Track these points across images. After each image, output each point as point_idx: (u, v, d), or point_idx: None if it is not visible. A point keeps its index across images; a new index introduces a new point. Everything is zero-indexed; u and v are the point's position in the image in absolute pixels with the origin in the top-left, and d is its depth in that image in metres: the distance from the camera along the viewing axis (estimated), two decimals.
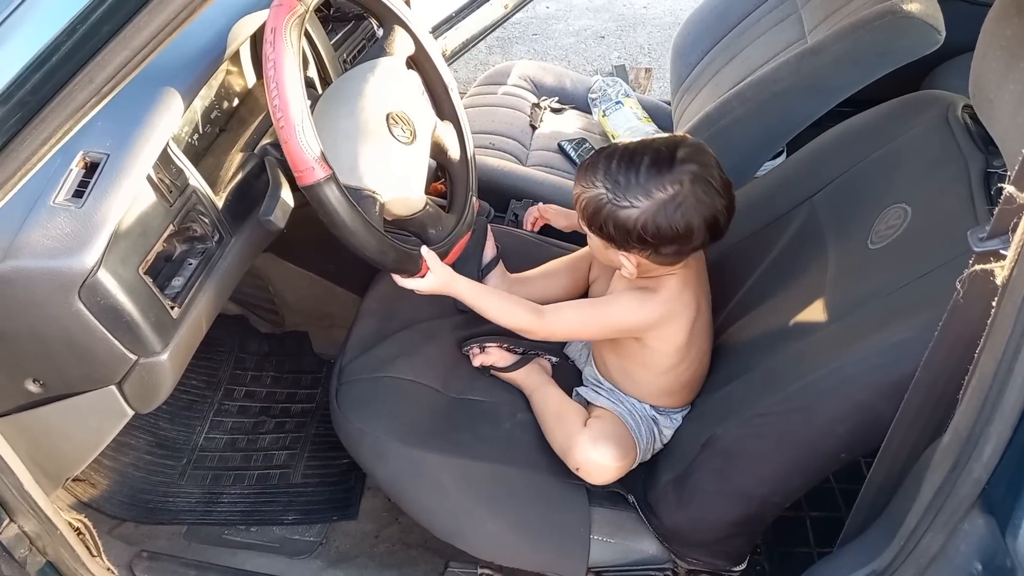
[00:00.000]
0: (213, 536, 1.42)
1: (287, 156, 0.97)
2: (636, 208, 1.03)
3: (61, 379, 0.98)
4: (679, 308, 1.13)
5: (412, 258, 1.11)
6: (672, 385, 1.20)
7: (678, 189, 1.02)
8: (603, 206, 1.06)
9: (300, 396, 1.68)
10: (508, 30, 3.42)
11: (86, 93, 0.74)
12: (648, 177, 1.03)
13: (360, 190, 1.06)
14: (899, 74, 1.40)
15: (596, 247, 1.14)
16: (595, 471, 1.16)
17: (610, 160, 1.06)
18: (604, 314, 1.16)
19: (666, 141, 1.07)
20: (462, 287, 1.17)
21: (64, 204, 0.88)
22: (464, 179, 1.30)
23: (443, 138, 1.26)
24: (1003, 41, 0.84)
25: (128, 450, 1.51)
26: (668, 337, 1.14)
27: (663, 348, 1.15)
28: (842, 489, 1.40)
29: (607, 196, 1.05)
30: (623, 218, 1.04)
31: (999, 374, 0.64)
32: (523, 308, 1.16)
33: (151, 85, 0.97)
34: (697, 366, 1.20)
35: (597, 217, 1.07)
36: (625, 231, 1.05)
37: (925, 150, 1.08)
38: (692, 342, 1.16)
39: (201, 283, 1.03)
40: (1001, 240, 0.67)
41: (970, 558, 0.71)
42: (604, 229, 1.07)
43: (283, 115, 0.95)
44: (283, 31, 0.95)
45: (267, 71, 0.95)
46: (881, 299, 0.96)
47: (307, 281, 1.69)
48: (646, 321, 1.13)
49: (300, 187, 0.98)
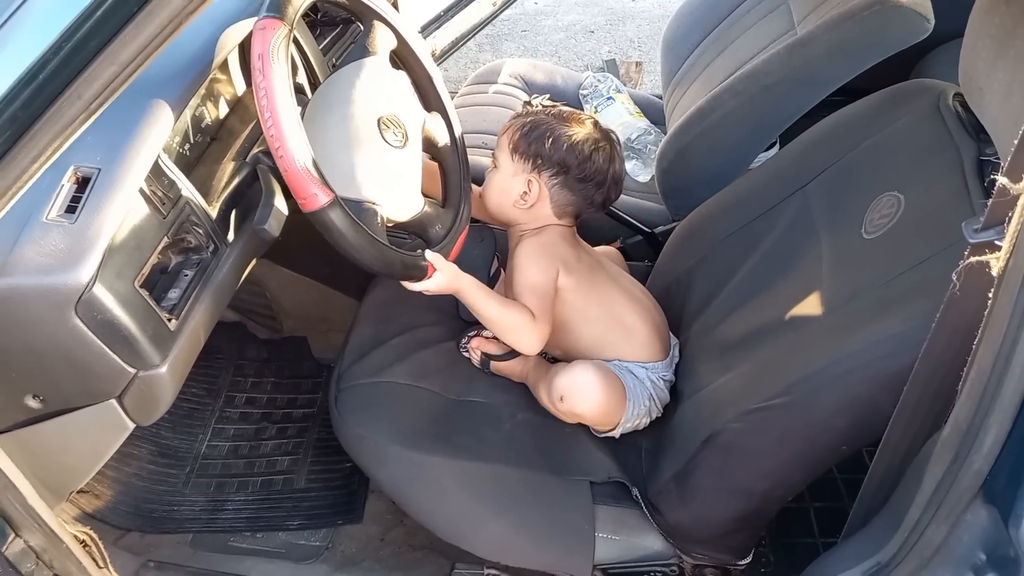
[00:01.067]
0: (219, 543, 1.42)
1: (288, 184, 0.98)
2: (573, 132, 1.23)
3: (60, 395, 0.98)
4: (555, 239, 1.27)
5: (419, 266, 1.13)
6: (612, 331, 1.28)
7: (610, 143, 1.27)
8: (540, 125, 1.24)
9: (301, 401, 1.68)
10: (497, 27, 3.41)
11: (75, 109, 0.73)
12: (587, 123, 1.27)
13: (360, 202, 1.07)
14: (889, 63, 1.39)
15: (498, 180, 1.27)
16: (580, 394, 1.19)
17: (550, 107, 1.31)
18: (527, 280, 1.23)
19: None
20: (465, 284, 1.20)
21: (57, 220, 0.88)
22: (457, 169, 1.30)
23: (433, 131, 1.26)
24: (992, 30, 0.84)
25: (131, 460, 1.51)
26: (566, 284, 1.25)
27: (566, 297, 1.25)
28: (845, 479, 1.40)
29: (548, 120, 1.24)
30: (558, 134, 1.23)
31: (997, 365, 0.64)
32: (522, 312, 1.20)
33: (140, 97, 0.96)
34: (619, 306, 1.29)
35: (528, 135, 1.23)
36: (553, 145, 1.22)
37: (917, 138, 1.08)
38: (589, 280, 1.27)
39: (198, 294, 1.03)
40: (996, 231, 0.67)
41: (973, 549, 0.71)
42: (530, 147, 1.23)
43: (281, 146, 0.95)
44: (270, 57, 0.95)
45: (259, 100, 0.95)
46: (877, 289, 0.96)
47: (304, 286, 1.69)
48: (550, 256, 1.24)
49: (303, 212, 0.99)
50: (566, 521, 1.18)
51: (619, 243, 1.65)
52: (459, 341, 1.35)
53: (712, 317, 1.25)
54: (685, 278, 1.35)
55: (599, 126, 1.28)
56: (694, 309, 1.31)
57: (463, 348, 1.35)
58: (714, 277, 1.27)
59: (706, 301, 1.28)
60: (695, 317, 1.30)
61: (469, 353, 1.34)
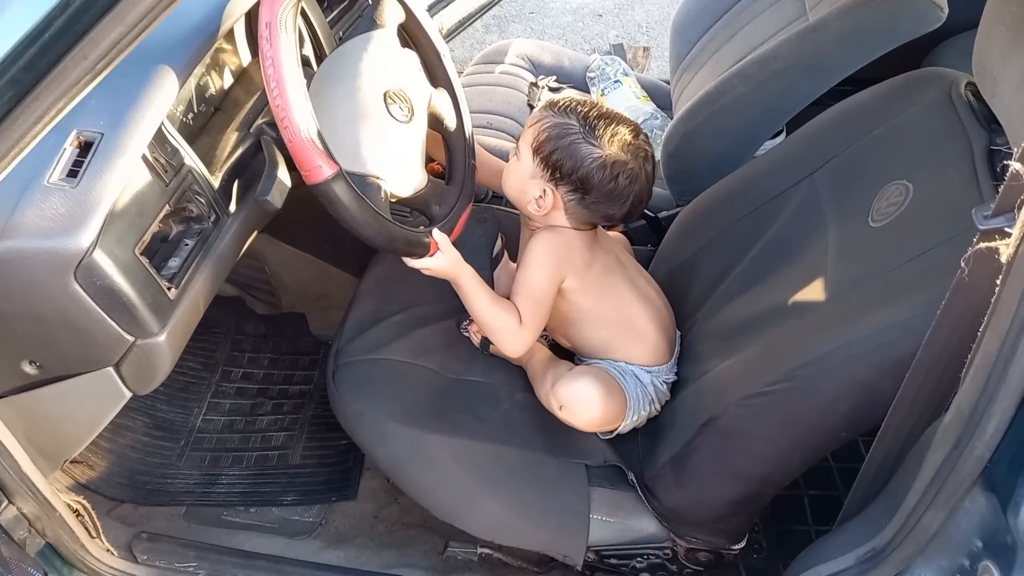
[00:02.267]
0: (212, 517, 1.42)
1: (293, 156, 0.97)
2: (600, 150, 1.13)
3: (58, 361, 0.98)
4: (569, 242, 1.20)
5: (422, 243, 1.12)
6: (618, 336, 1.24)
7: (639, 162, 1.15)
8: (567, 134, 1.14)
9: (298, 377, 1.68)
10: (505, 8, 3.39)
11: (80, 70, 0.72)
12: (622, 139, 1.14)
13: (364, 176, 1.06)
14: (900, 53, 1.38)
15: (517, 174, 1.19)
16: (580, 406, 1.17)
17: (588, 109, 1.16)
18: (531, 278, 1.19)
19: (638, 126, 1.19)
20: (464, 274, 1.18)
21: (58, 184, 0.87)
22: (462, 147, 1.29)
23: (439, 107, 1.25)
24: (1008, 18, 0.83)
25: (126, 432, 1.50)
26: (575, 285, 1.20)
27: (574, 299, 1.21)
28: (840, 468, 1.41)
29: (578, 128, 1.14)
30: (583, 152, 1.13)
31: (1003, 352, 0.64)
32: (511, 313, 1.17)
33: (145, 63, 0.95)
34: (629, 308, 1.25)
35: (553, 142, 1.14)
36: (575, 163, 1.13)
37: (927, 127, 1.07)
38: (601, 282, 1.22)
39: (198, 264, 1.02)
40: (1006, 218, 0.67)
41: (971, 535, 0.71)
42: (551, 156, 1.14)
43: (286, 115, 0.94)
44: (278, 25, 0.93)
45: (266, 69, 0.94)
46: (882, 277, 0.96)
47: (304, 262, 1.68)
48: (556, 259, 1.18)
49: (307, 185, 0.98)
50: (561, 502, 1.18)
51: (622, 227, 1.64)
52: (459, 320, 1.34)
53: (716, 303, 1.24)
54: (689, 263, 1.34)
55: (636, 138, 1.16)
56: (698, 295, 1.31)
57: (464, 328, 1.34)
58: (719, 263, 1.26)
59: (710, 287, 1.28)
60: (699, 303, 1.30)
61: (469, 333, 1.34)
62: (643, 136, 1.18)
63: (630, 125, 1.17)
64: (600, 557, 1.23)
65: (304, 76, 0.97)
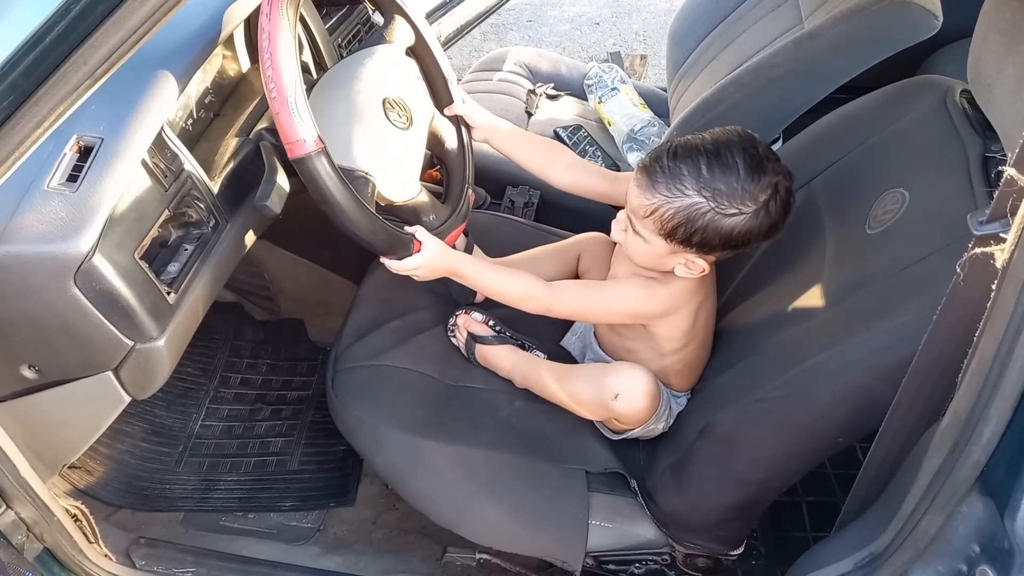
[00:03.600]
0: (210, 523, 1.42)
1: (278, 128, 0.96)
2: (744, 215, 1.01)
3: (57, 365, 0.98)
4: (687, 297, 1.13)
5: (404, 242, 1.09)
6: (676, 366, 1.20)
7: (774, 190, 1.01)
8: (702, 215, 1.00)
9: (296, 383, 1.68)
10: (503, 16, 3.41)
11: (80, 75, 0.73)
12: (750, 180, 1.00)
13: (353, 171, 1.05)
14: (895, 61, 1.39)
15: (651, 254, 1.08)
16: (637, 394, 1.11)
17: (695, 163, 1.00)
18: (611, 299, 1.15)
19: (739, 136, 1.03)
20: (459, 262, 1.14)
21: (58, 188, 0.87)
22: (461, 170, 1.29)
23: (441, 129, 1.25)
24: (1002, 25, 0.84)
25: (124, 437, 1.50)
26: (674, 323, 1.14)
27: (668, 333, 1.15)
28: (837, 474, 1.41)
29: (708, 205, 1.00)
30: (728, 226, 1.01)
31: (999, 356, 0.64)
32: (527, 276, 1.14)
33: (145, 68, 0.96)
34: (701, 349, 1.20)
35: (689, 227, 1.01)
36: (727, 237, 1.02)
37: (923, 135, 1.08)
38: (696, 326, 1.16)
39: (197, 269, 1.03)
40: (1001, 223, 0.67)
41: (968, 540, 0.71)
42: (693, 238, 1.02)
43: (276, 86, 0.94)
44: (280, 4, 0.94)
45: (261, 42, 0.94)
46: (879, 283, 0.96)
47: (303, 268, 1.69)
48: (653, 311, 1.13)
49: (291, 159, 0.97)
50: (561, 509, 1.18)
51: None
52: (447, 325, 1.32)
53: (717, 312, 1.24)
54: None
55: (750, 156, 1.01)
56: None
57: (450, 331, 1.32)
58: (718, 272, 1.26)
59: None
60: None
61: (456, 337, 1.31)
62: (747, 135, 1.04)
63: (737, 150, 1.01)
64: (599, 563, 1.23)
65: (304, 83, 0.98)
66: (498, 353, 1.28)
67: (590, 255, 1.37)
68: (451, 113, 1.30)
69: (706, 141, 1.03)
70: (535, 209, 1.69)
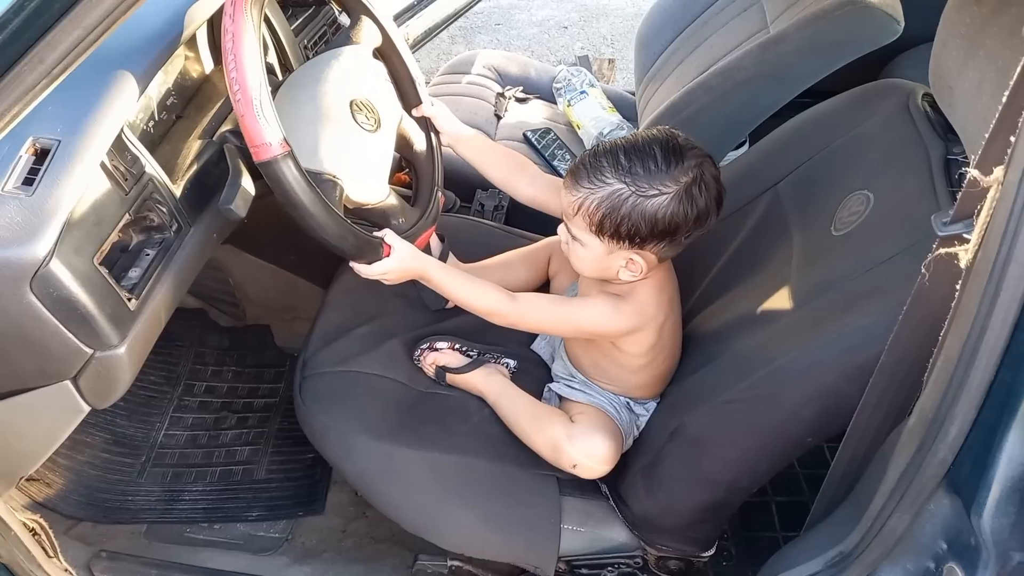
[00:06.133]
0: (175, 534, 1.39)
1: (243, 130, 0.94)
2: (665, 195, 1.02)
3: (13, 374, 0.95)
4: (652, 312, 1.13)
5: (373, 245, 1.07)
6: (646, 379, 1.21)
7: (697, 172, 1.03)
8: (624, 200, 1.02)
9: (263, 391, 1.65)
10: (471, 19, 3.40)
11: (36, 74, 0.71)
12: (667, 163, 1.02)
13: (320, 174, 1.04)
14: (859, 65, 1.42)
15: (591, 258, 1.09)
16: (595, 465, 1.14)
17: (614, 156, 1.03)
18: (576, 316, 1.15)
19: (659, 131, 1.06)
20: (429, 267, 1.13)
21: (13, 192, 0.84)
22: (430, 173, 1.28)
23: (409, 132, 1.24)
24: (963, 29, 0.86)
25: (84, 448, 1.47)
26: (640, 340, 1.14)
27: (634, 350, 1.15)
28: (806, 474, 1.42)
29: (628, 190, 1.02)
30: (652, 209, 1.02)
31: (964, 355, 0.65)
32: (495, 290, 1.13)
33: (104, 68, 0.94)
34: (669, 359, 1.20)
35: (614, 215, 1.02)
36: (652, 221, 1.02)
37: (886, 138, 1.09)
38: (662, 341, 1.16)
39: (159, 274, 1.00)
40: (965, 224, 0.68)
41: (935, 537, 0.72)
42: (620, 227, 1.03)
43: (240, 88, 0.92)
44: (243, 5, 0.92)
45: (225, 44, 0.92)
46: (845, 284, 0.97)
47: (269, 273, 1.66)
48: (619, 329, 1.13)
49: (256, 163, 0.95)
50: (532, 513, 1.17)
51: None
52: (413, 353, 1.28)
53: (685, 315, 1.25)
54: None
55: (669, 144, 1.03)
56: None
57: (416, 360, 1.28)
58: (686, 275, 1.27)
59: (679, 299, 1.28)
60: None
61: (423, 365, 1.27)
62: (666, 130, 1.06)
63: (655, 141, 1.04)
64: (571, 567, 1.22)
65: (270, 84, 0.96)
66: (468, 381, 1.26)
67: (560, 258, 1.37)
68: (419, 114, 1.29)
69: (626, 139, 1.06)
70: (505, 212, 1.69)
